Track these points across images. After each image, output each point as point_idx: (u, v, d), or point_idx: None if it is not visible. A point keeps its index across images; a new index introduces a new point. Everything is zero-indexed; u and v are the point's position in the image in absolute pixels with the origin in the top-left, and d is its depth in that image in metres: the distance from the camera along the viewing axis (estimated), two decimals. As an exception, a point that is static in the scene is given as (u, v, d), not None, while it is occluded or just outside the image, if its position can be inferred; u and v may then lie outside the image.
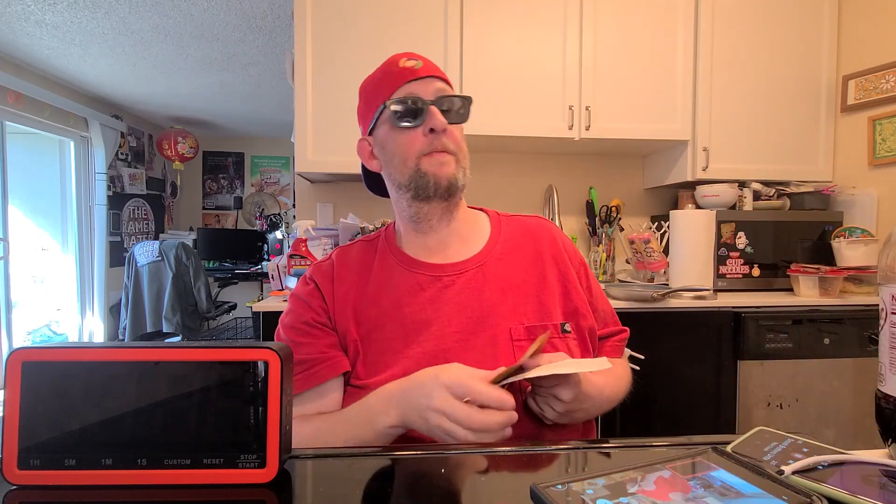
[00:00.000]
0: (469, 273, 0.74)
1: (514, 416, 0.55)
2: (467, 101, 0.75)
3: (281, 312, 1.54)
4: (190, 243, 3.77)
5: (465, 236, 0.78)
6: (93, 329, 4.06)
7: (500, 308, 0.72)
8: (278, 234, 4.39)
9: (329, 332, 0.73)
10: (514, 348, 0.70)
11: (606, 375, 0.73)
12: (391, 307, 0.72)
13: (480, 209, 0.85)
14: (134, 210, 4.54)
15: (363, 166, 0.83)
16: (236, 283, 4.34)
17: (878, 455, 0.43)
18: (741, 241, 1.83)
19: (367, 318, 0.72)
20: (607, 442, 0.61)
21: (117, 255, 4.23)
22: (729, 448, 0.42)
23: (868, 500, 0.34)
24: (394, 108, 0.71)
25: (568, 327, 0.74)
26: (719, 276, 1.82)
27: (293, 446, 0.48)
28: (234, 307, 4.05)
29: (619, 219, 2.18)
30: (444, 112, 0.71)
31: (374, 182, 0.87)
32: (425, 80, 0.72)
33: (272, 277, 1.79)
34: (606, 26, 1.94)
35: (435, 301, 0.72)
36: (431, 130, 0.70)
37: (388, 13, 1.89)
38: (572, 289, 0.77)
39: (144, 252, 3.40)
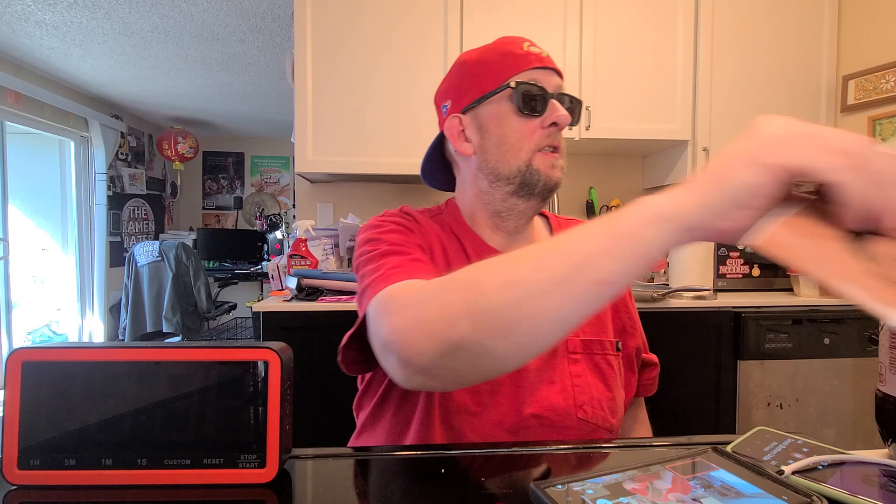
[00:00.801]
0: None
1: None
2: (580, 104, 0.71)
3: (280, 312, 1.54)
4: (190, 243, 3.77)
5: (531, 238, 0.74)
6: (93, 329, 4.06)
7: None
8: (278, 234, 4.40)
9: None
10: (569, 360, 0.67)
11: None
12: None
13: None
14: (134, 210, 4.54)
15: (429, 154, 0.76)
16: (236, 283, 4.34)
17: (878, 455, 0.43)
18: (741, 241, 1.83)
19: None
20: (607, 442, 0.61)
21: (117, 255, 4.23)
22: (729, 448, 0.42)
23: (868, 500, 0.34)
24: (522, 91, 0.65)
25: (619, 345, 0.72)
26: (719, 275, 1.82)
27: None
28: (234, 307, 4.05)
29: (619, 219, 2.18)
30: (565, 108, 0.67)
31: (434, 171, 0.79)
32: (549, 72, 0.67)
33: (272, 277, 1.79)
34: (606, 26, 1.94)
35: None
36: (553, 124, 0.65)
37: (387, 13, 1.89)
38: (621, 305, 0.75)
39: (144, 252, 3.40)
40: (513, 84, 0.65)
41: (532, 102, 0.65)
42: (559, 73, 0.69)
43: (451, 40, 1.89)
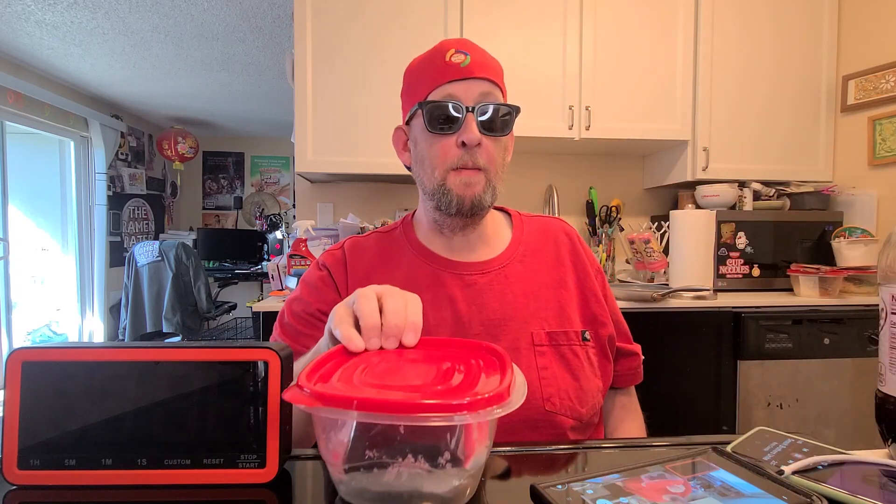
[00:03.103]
0: (491, 274, 0.72)
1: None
2: (513, 110, 0.68)
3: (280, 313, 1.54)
4: (190, 243, 3.77)
5: (487, 237, 0.75)
6: (93, 329, 4.05)
7: (522, 312, 0.69)
8: (278, 234, 4.39)
9: None
10: (535, 353, 0.67)
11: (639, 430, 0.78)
12: None
13: (501, 208, 0.82)
14: (134, 210, 4.54)
15: None
16: (236, 283, 4.34)
17: (878, 455, 0.43)
18: (741, 241, 1.83)
19: None
20: (607, 442, 0.61)
21: (117, 255, 4.23)
22: (729, 448, 0.42)
23: (868, 500, 0.34)
24: (428, 111, 0.65)
25: (588, 335, 0.71)
26: (719, 276, 1.82)
27: None
28: (234, 307, 4.05)
29: (619, 219, 2.18)
30: (484, 121, 0.65)
31: None
32: (469, 82, 0.65)
33: (272, 277, 1.79)
34: (606, 26, 1.94)
35: (456, 300, 0.69)
36: (463, 144, 0.65)
37: (387, 13, 1.88)
38: (591, 295, 0.75)
39: (144, 252, 3.40)
40: (422, 105, 0.66)
41: (439, 122, 0.65)
42: (490, 79, 0.67)
43: (451, 40, 1.89)
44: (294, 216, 3.07)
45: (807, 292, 1.73)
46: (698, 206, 2.01)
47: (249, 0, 2.48)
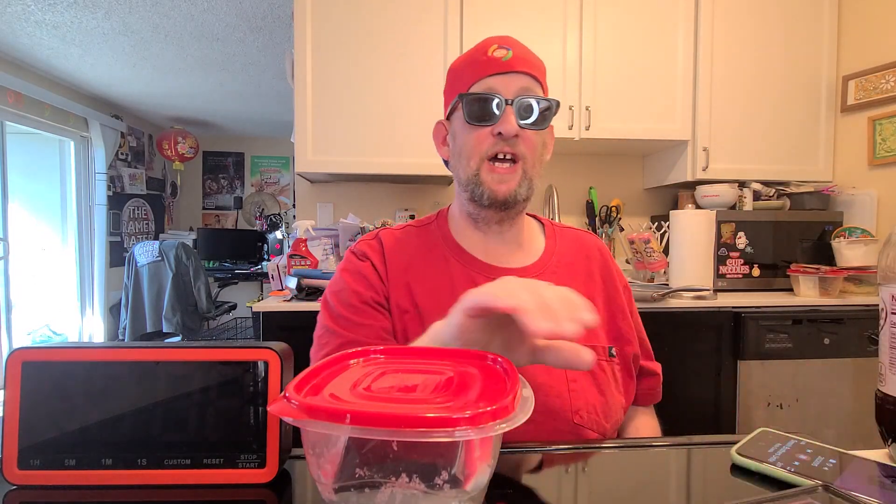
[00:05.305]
0: None
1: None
2: (552, 104, 0.68)
3: (280, 312, 1.54)
4: (190, 243, 3.77)
5: (522, 243, 0.75)
6: (93, 329, 4.05)
7: None
8: (278, 234, 4.39)
9: (385, 313, 0.69)
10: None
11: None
12: (447, 299, 0.69)
13: (533, 216, 0.82)
14: (134, 210, 4.54)
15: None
16: (236, 283, 4.34)
17: (878, 455, 0.43)
18: (741, 241, 1.83)
19: (423, 303, 0.68)
20: (608, 442, 0.61)
21: (117, 255, 4.23)
22: (734, 449, 0.43)
23: (868, 500, 0.34)
24: (467, 103, 0.66)
25: (614, 351, 0.71)
26: (719, 276, 1.82)
27: None
28: (234, 307, 4.05)
29: (619, 219, 2.18)
30: (523, 114, 0.66)
31: None
32: (510, 76, 0.66)
33: (272, 277, 1.79)
34: (606, 26, 1.94)
35: None
36: (499, 134, 0.65)
37: (387, 13, 1.88)
38: (618, 312, 0.75)
39: (144, 252, 3.40)
40: (462, 96, 0.67)
41: (478, 112, 0.66)
42: (530, 74, 0.67)
43: (451, 40, 1.89)
44: (294, 216, 3.07)
45: (807, 292, 1.73)
46: (698, 206, 2.01)
47: (249, 0, 2.48)
